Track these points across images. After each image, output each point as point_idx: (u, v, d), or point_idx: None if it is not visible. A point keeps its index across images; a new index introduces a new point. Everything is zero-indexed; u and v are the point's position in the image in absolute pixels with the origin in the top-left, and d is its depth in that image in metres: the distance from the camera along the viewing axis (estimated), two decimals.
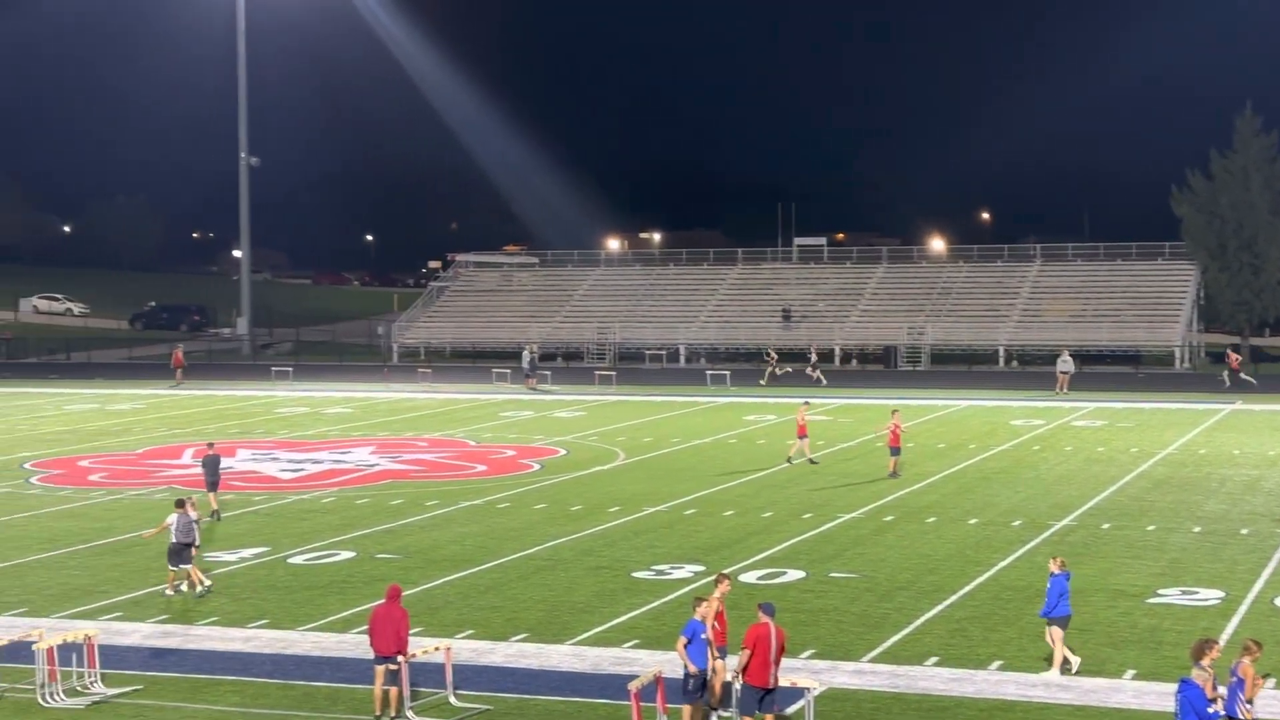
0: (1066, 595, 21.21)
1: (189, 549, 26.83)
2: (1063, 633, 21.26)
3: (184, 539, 26.74)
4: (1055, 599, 21.19)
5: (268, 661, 22.51)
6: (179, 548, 26.77)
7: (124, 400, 63.80)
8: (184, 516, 26.89)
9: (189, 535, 26.78)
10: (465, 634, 23.70)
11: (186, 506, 27.11)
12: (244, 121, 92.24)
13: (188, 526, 26.82)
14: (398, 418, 56.33)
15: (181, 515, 26.90)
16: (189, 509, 27.07)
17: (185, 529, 26.79)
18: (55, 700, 20.45)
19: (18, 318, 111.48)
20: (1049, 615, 21.29)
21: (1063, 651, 21.22)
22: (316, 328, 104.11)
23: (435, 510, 35.36)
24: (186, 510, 27.02)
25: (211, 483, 34.91)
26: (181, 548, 26.76)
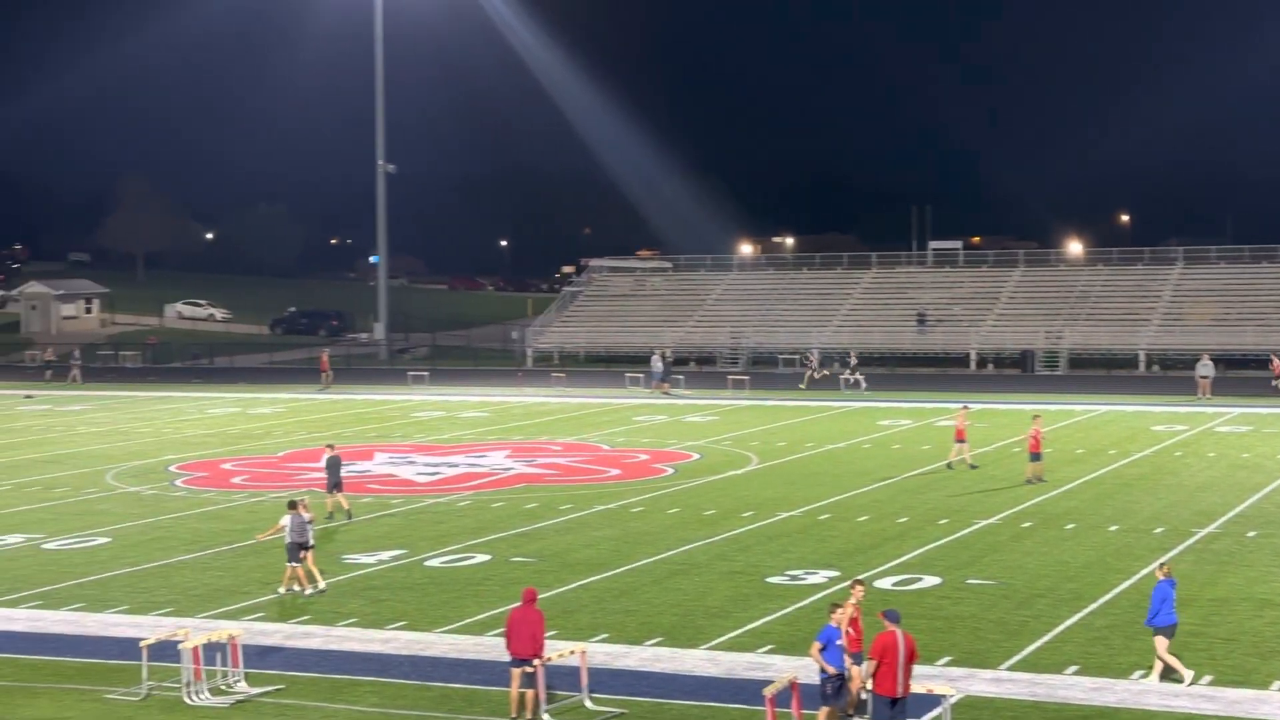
0: (1170, 603, 20.83)
1: (302, 549, 27.41)
2: (1167, 642, 20.88)
3: (298, 538, 27.34)
4: (1158, 606, 20.85)
5: (405, 663, 22.77)
6: (294, 547, 27.37)
7: (264, 404, 64.90)
8: (297, 517, 27.51)
9: (303, 535, 27.41)
10: (600, 637, 23.79)
11: (299, 507, 27.73)
12: (381, 129, 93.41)
13: (301, 526, 27.45)
14: (532, 421, 56.70)
15: (295, 516, 27.53)
16: (301, 509, 27.69)
17: (299, 529, 27.43)
18: (200, 699, 20.86)
19: (163, 323, 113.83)
20: (1152, 624, 20.94)
21: (1169, 661, 20.83)
22: (452, 333, 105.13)
23: (569, 514, 35.54)
24: (299, 511, 27.62)
25: (334, 483, 35.51)
26: (296, 547, 27.33)
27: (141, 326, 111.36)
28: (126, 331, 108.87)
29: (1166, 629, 20.82)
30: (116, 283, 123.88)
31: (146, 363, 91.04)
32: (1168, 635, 20.86)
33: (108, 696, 21.20)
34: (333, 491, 35.38)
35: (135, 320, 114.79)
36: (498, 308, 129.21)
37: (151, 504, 37.94)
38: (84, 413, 61.85)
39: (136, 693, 21.16)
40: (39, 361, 79.65)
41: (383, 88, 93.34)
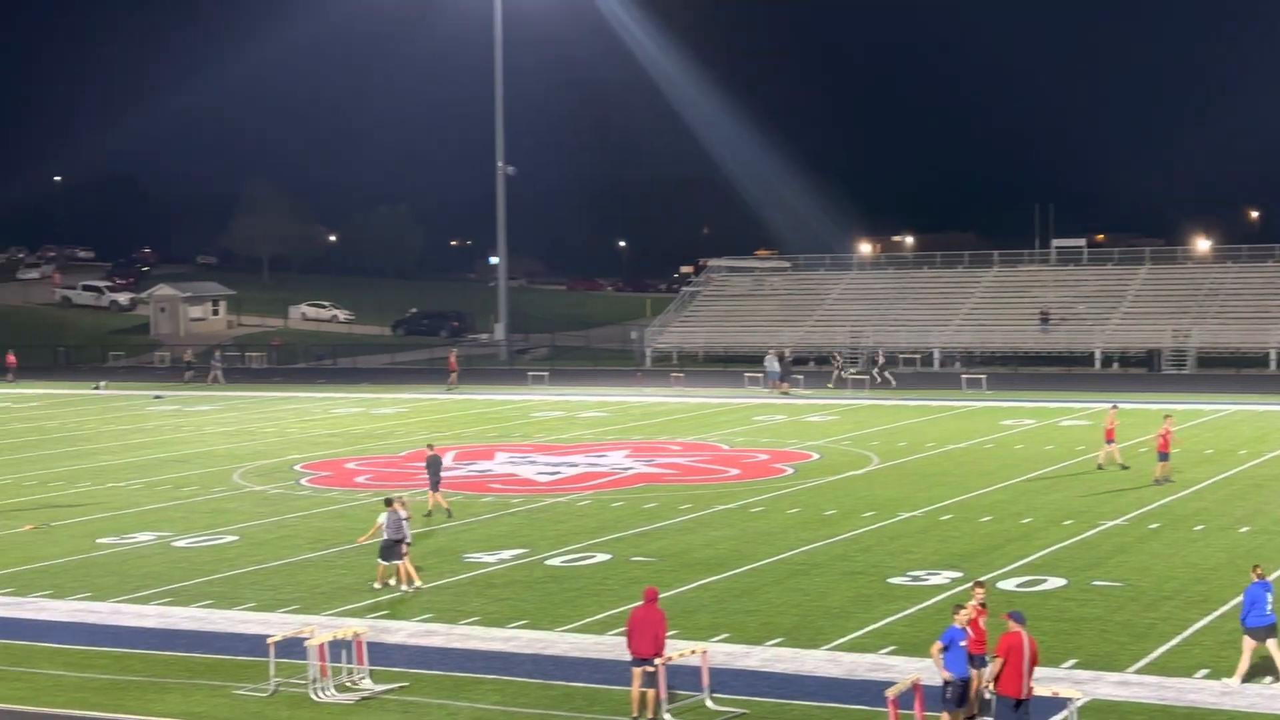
0: (1260, 604, 20.49)
1: (399, 545, 27.80)
2: (1254, 644, 20.51)
3: (395, 535, 27.78)
4: (1248, 607, 20.56)
5: (527, 661, 22.90)
6: (390, 544, 27.80)
7: (387, 404, 65.60)
8: (394, 514, 27.93)
9: (399, 532, 27.82)
10: (720, 637, 23.77)
11: (396, 505, 28.16)
12: (500, 131, 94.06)
13: (398, 524, 27.86)
14: (651, 421, 56.80)
15: (391, 513, 27.95)
16: (398, 507, 28.11)
17: (395, 526, 27.84)
18: (326, 695, 21.13)
19: (287, 324, 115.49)
20: (1244, 623, 20.62)
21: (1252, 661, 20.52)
22: (571, 333, 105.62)
23: (689, 514, 35.55)
24: (396, 508, 28.05)
25: (434, 482, 35.93)
26: (393, 544, 27.79)
27: (266, 328, 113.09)
28: (252, 333, 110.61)
29: (1257, 630, 20.51)
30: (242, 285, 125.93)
31: (271, 364, 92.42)
32: (1259, 637, 20.53)
33: (236, 692, 21.55)
34: (433, 491, 35.78)
35: (260, 322, 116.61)
36: (616, 308, 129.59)
37: (277, 503, 38.51)
38: (211, 413, 62.93)
39: (264, 689, 21.49)
40: (181, 363, 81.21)
41: (502, 90, 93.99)
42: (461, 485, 40.93)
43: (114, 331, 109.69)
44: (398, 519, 27.94)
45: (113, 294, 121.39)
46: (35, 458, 48.76)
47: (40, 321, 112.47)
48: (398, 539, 27.82)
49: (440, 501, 35.81)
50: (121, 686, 21.99)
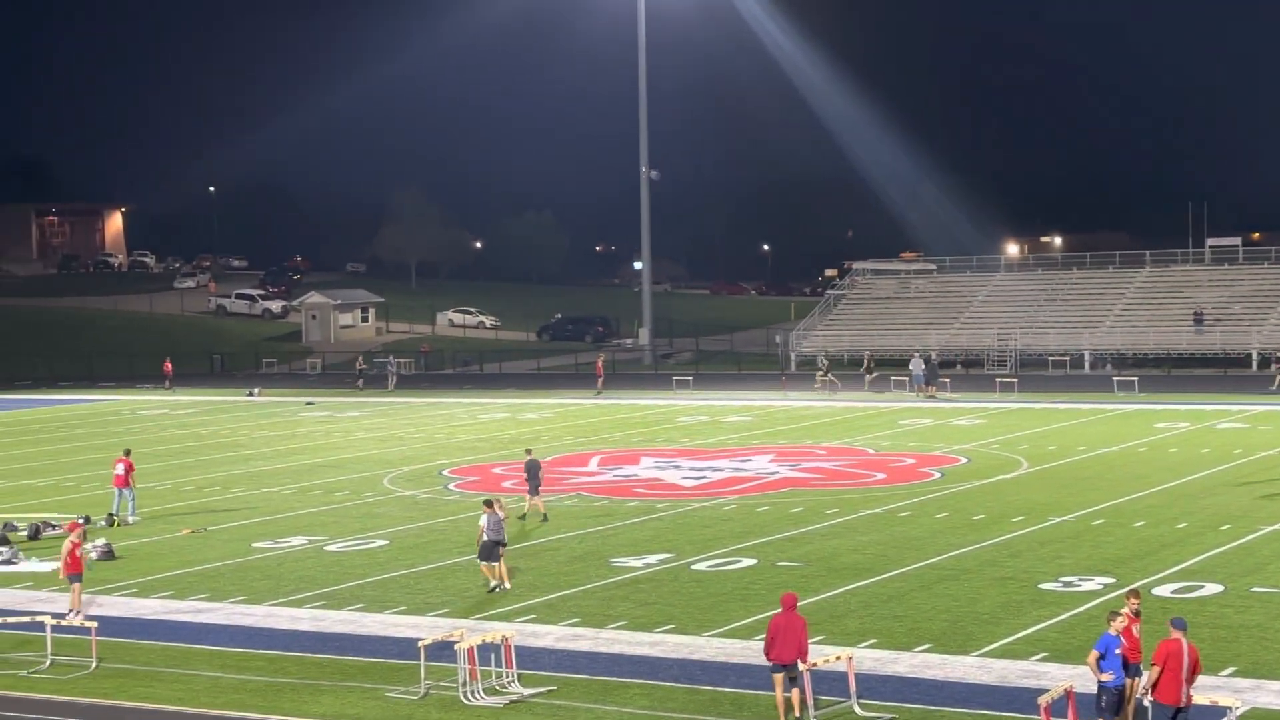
0: None
1: (499, 546, 28.36)
2: None
3: (495, 536, 28.37)
4: None
5: (674, 666, 22.93)
6: (490, 545, 28.37)
7: (533, 409, 66.07)
8: (493, 516, 28.48)
9: (498, 533, 28.42)
10: (868, 643, 23.61)
11: (495, 506, 28.71)
12: (644, 136, 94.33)
13: (497, 525, 28.47)
14: (796, 425, 56.58)
15: (491, 515, 28.49)
16: (497, 508, 28.67)
17: (495, 527, 28.43)
18: (476, 698, 21.34)
19: (435, 331, 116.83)
20: None
21: None
22: (715, 337, 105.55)
23: (835, 518, 35.36)
24: (495, 510, 28.57)
25: (533, 487, 36.37)
26: (493, 545, 28.35)
27: (414, 334, 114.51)
28: (401, 339, 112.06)
29: None
30: (391, 292, 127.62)
31: (420, 369, 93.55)
32: None
33: (388, 694, 21.84)
34: (532, 495, 36.21)
35: (409, 328, 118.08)
36: (760, 312, 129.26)
37: (426, 507, 38.96)
38: (361, 419, 63.84)
39: (415, 691, 21.76)
40: (353, 369, 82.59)
41: (646, 95, 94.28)
42: (607, 490, 41.13)
43: (267, 339, 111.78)
44: (497, 520, 28.53)
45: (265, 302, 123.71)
46: (192, 463, 49.85)
47: (196, 330, 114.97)
48: (497, 540, 28.40)
49: (539, 506, 36.22)
50: (276, 688, 22.40)
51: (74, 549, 26.98)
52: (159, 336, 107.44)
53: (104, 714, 21.47)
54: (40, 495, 43.28)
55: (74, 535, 27.41)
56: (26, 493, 43.90)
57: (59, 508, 40.14)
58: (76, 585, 27.03)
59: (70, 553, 26.93)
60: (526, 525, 35.43)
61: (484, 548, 28.50)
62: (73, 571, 26.93)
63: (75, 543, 27.10)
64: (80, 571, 27.07)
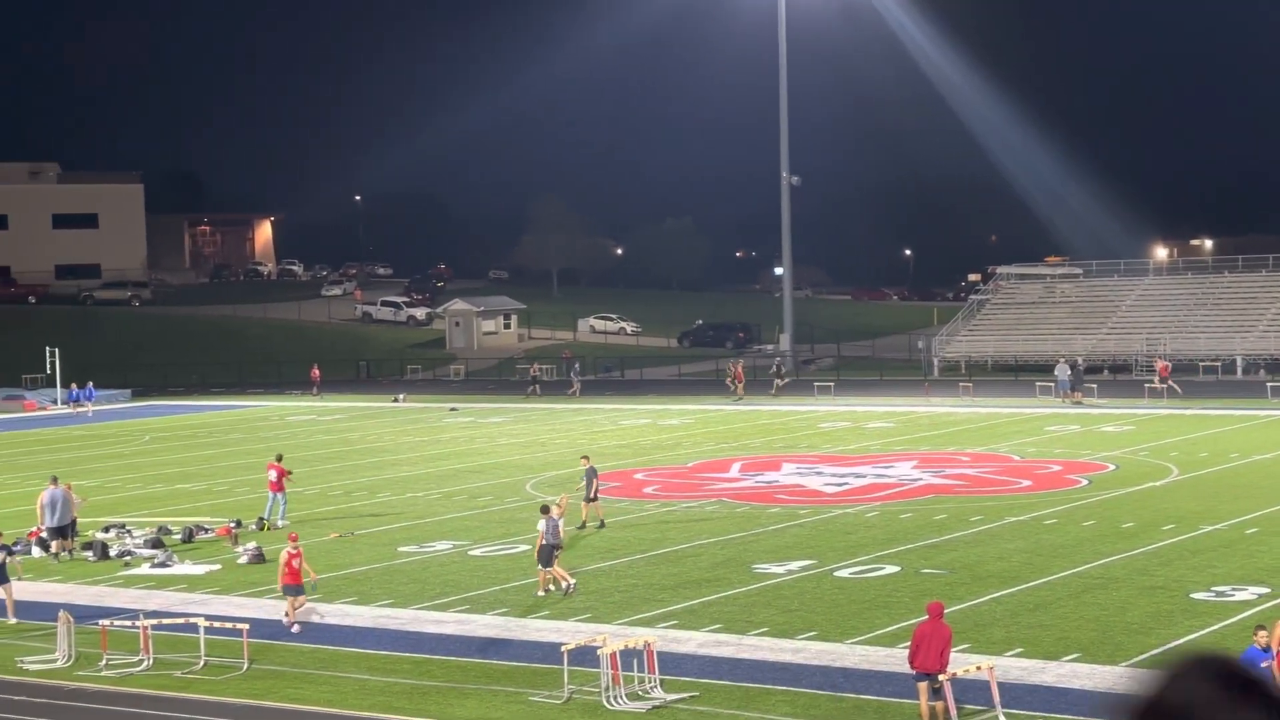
0: None
1: (555, 550, 28.79)
2: None
3: (554, 541, 28.81)
4: None
5: (817, 673, 22.85)
6: (548, 550, 28.75)
7: (674, 415, 66.17)
8: (551, 520, 28.91)
9: (556, 537, 28.84)
10: (1013, 652, 23.35)
11: (552, 510, 29.24)
12: (785, 141, 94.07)
13: (555, 529, 28.91)
14: (939, 432, 56.06)
15: (549, 519, 28.92)
16: (554, 512, 29.16)
17: (553, 531, 28.87)
18: (619, 703, 21.43)
19: (576, 337, 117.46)
20: None
21: None
22: (856, 343, 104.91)
23: (980, 525, 34.99)
24: (552, 514, 29.03)
25: (589, 494, 36.63)
26: (550, 549, 28.74)
27: (556, 341, 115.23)
28: (543, 346, 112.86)
29: None
30: (532, 299, 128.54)
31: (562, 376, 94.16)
32: None
33: (532, 699, 22.02)
34: (587, 502, 36.46)
35: (550, 335, 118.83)
36: (902, 317, 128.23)
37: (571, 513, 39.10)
38: (504, 424, 64.38)
39: (559, 696, 21.91)
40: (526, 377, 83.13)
41: (786, 101, 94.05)
42: (748, 496, 41.08)
43: (411, 346, 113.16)
44: (555, 524, 28.92)
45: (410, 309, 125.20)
46: (340, 469, 50.64)
47: (343, 337, 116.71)
48: (555, 544, 28.85)
49: (596, 511, 36.42)
50: (423, 691, 22.69)
51: (291, 559, 26.75)
52: (307, 344, 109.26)
53: (255, 714, 21.90)
54: (194, 499, 44.25)
55: (290, 547, 27.15)
56: (181, 497, 44.90)
57: (211, 512, 41.00)
58: (293, 597, 26.82)
59: (288, 564, 26.72)
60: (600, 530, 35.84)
61: (541, 552, 28.87)
62: (290, 582, 26.76)
63: (293, 554, 26.84)
64: (299, 583, 26.82)
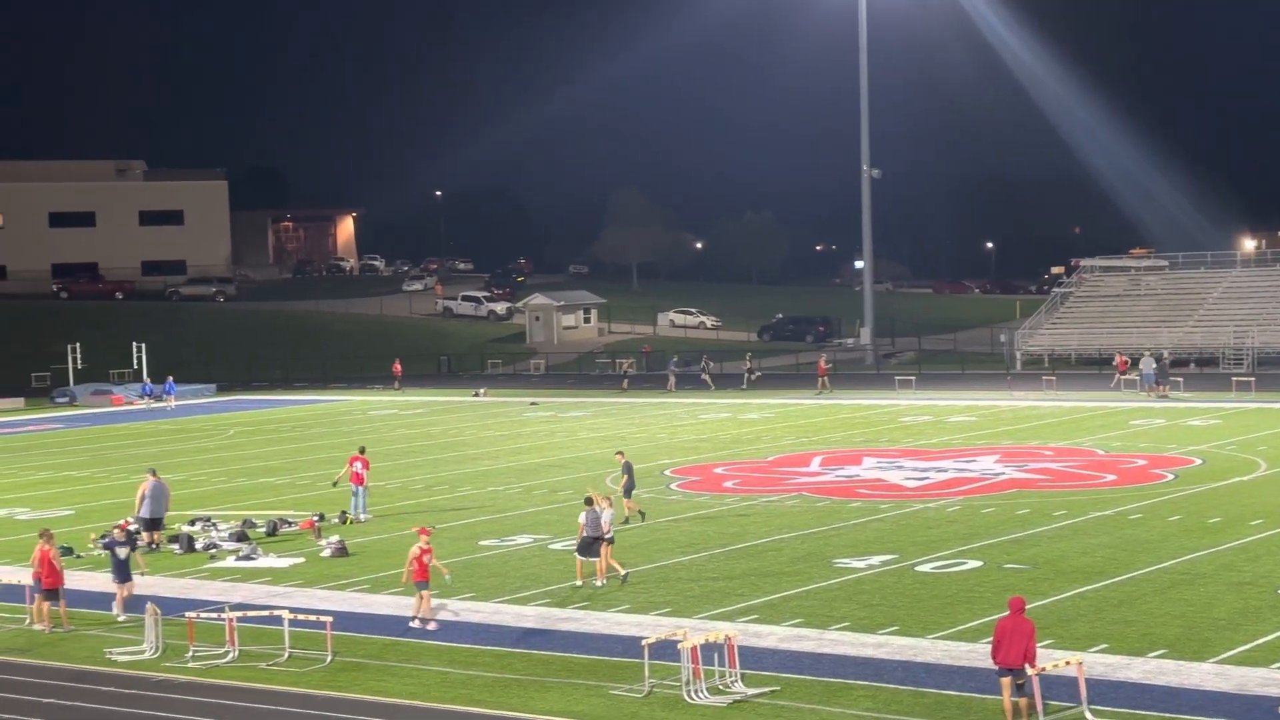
0: None
1: (598, 543, 29.11)
2: None
3: (593, 533, 29.14)
4: None
5: (899, 668, 22.73)
6: (589, 541, 29.17)
7: (754, 409, 66.01)
8: (591, 513, 29.25)
9: (597, 530, 29.13)
10: (1098, 648, 23.11)
11: (595, 503, 29.46)
12: (865, 135, 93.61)
13: (595, 521, 29.17)
14: (1022, 426, 55.59)
15: (589, 512, 29.29)
16: (597, 505, 29.40)
17: (594, 524, 29.15)
18: (699, 698, 21.41)
19: (656, 332, 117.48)
20: None
21: None
22: (938, 336, 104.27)
23: (1063, 520, 34.66)
24: (594, 507, 29.34)
25: (627, 489, 36.77)
26: (591, 541, 29.14)
27: (636, 335, 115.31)
28: (622, 340, 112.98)
29: None
30: (612, 293, 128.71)
31: (642, 370, 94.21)
32: None
33: (612, 692, 22.04)
34: (625, 498, 36.67)
35: (630, 329, 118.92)
36: (984, 310, 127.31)
37: (649, 507, 39.12)
38: (584, 419, 64.49)
39: (639, 689, 21.92)
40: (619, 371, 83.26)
41: (867, 93, 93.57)
42: (829, 490, 40.93)
43: (492, 340, 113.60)
44: (595, 517, 29.20)
45: (490, 304, 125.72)
46: (421, 462, 50.92)
47: (424, 332, 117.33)
48: (596, 536, 29.13)
49: (633, 507, 36.62)
50: (504, 684, 22.77)
51: (421, 555, 26.32)
52: (388, 339, 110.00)
53: (339, 706, 22.07)
54: (278, 493, 44.66)
55: (422, 542, 26.62)
56: (265, 490, 45.34)
57: (295, 505, 41.37)
58: (423, 592, 26.38)
59: (418, 559, 26.26)
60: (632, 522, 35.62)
61: (583, 544, 29.34)
62: (420, 579, 26.31)
63: (424, 549, 26.43)
64: (427, 579, 26.38)
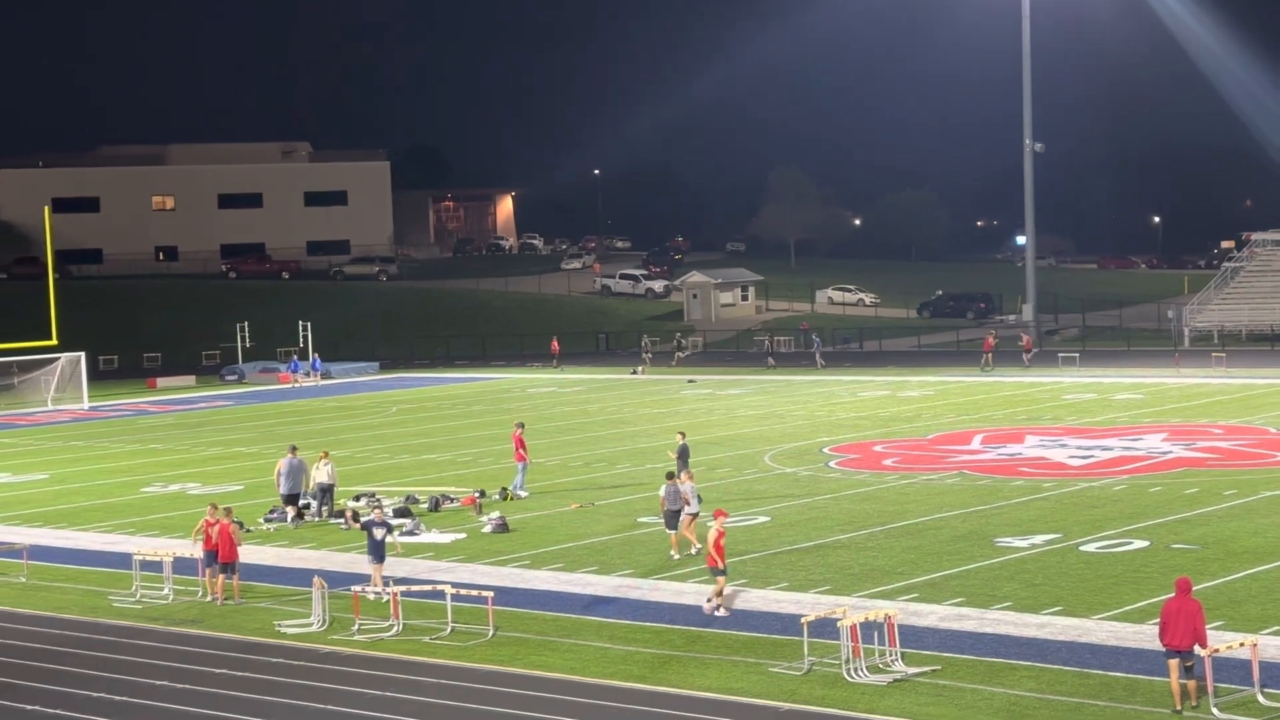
0: None
1: (678, 515, 30.00)
2: None
3: (673, 506, 30.07)
4: None
5: (1063, 649, 22.42)
6: (671, 515, 30.13)
7: (913, 387, 65.45)
8: (671, 487, 30.22)
9: (676, 503, 30.04)
10: (1271, 630, 22.59)
11: (679, 478, 30.58)
12: (1028, 108, 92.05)
13: (675, 495, 30.09)
14: (1190, 404, 54.41)
15: (670, 486, 30.27)
16: (683, 480, 30.49)
17: (673, 497, 30.09)
18: (859, 676, 21.32)
19: (814, 309, 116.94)
20: None
21: None
22: (1102, 313, 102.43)
23: (1234, 500, 33.89)
24: (675, 482, 30.36)
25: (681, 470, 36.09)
26: (673, 514, 30.08)
27: (793, 313, 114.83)
28: (780, 318, 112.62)
29: None
30: (770, 270, 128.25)
31: (799, 348, 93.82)
32: None
33: (772, 669, 22.04)
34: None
35: (787, 306, 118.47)
36: (1150, 286, 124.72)
37: (807, 484, 39.08)
38: (742, 396, 64.44)
39: (799, 667, 21.89)
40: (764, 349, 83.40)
41: (1029, 66, 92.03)
42: (991, 468, 40.45)
43: (649, 318, 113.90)
44: (675, 491, 30.13)
45: (648, 282, 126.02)
46: (580, 440, 51.25)
47: (582, 310, 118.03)
48: (676, 509, 30.00)
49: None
50: (663, 660, 22.88)
51: (720, 538, 25.32)
52: (547, 316, 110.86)
53: (500, 680, 22.34)
54: (439, 469, 45.27)
55: (719, 524, 25.53)
56: (427, 467, 45.99)
57: (456, 481, 41.91)
58: (719, 578, 25.47)
59: (715, 543, 25.24)
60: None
61: (667, 516, 30.32)
62: (712, 565, 25.46)
63: (720, 531, 25.43)
64: (723, 564, 25.39)
